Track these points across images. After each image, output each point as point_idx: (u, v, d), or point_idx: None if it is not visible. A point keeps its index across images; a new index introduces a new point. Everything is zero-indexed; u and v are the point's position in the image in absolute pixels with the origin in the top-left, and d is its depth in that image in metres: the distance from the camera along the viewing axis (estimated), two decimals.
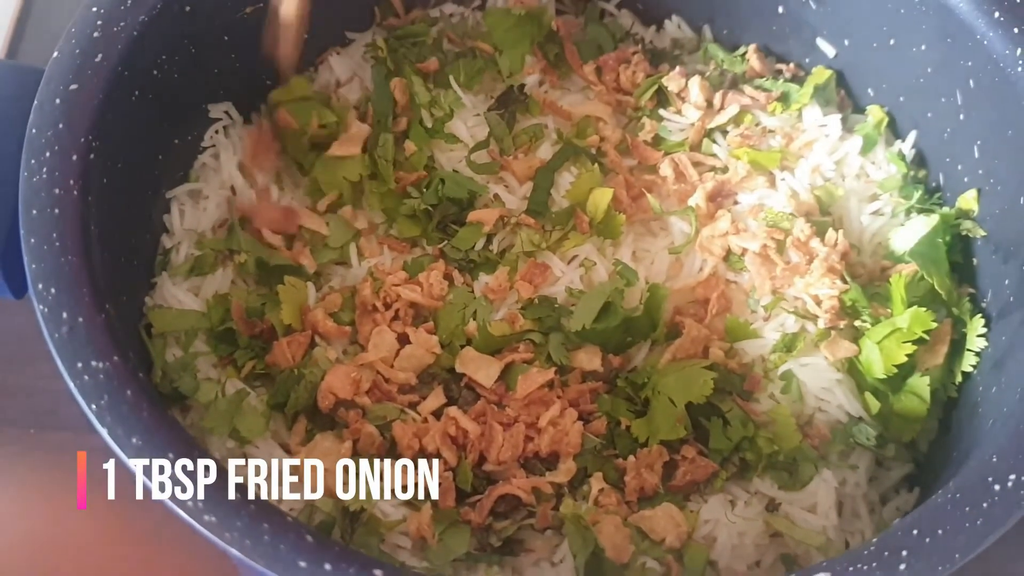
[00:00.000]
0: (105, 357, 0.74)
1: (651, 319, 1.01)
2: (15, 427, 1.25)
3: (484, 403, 0.96)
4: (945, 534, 0.71)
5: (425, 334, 1.00)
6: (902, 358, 0.97)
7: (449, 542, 0.88)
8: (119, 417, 0.71)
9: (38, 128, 0.84)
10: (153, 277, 1.02)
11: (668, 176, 1.12)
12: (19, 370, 1.29)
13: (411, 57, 1.19)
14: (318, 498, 0.89)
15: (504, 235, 1.09)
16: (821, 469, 0.96)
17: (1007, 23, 0.98)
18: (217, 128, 1.12)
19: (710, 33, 1.27)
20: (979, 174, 1.04)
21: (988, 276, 1.02)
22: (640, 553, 0.89)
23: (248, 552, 0.66)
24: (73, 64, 0.89)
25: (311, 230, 1.07)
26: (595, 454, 0.95)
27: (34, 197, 0.81)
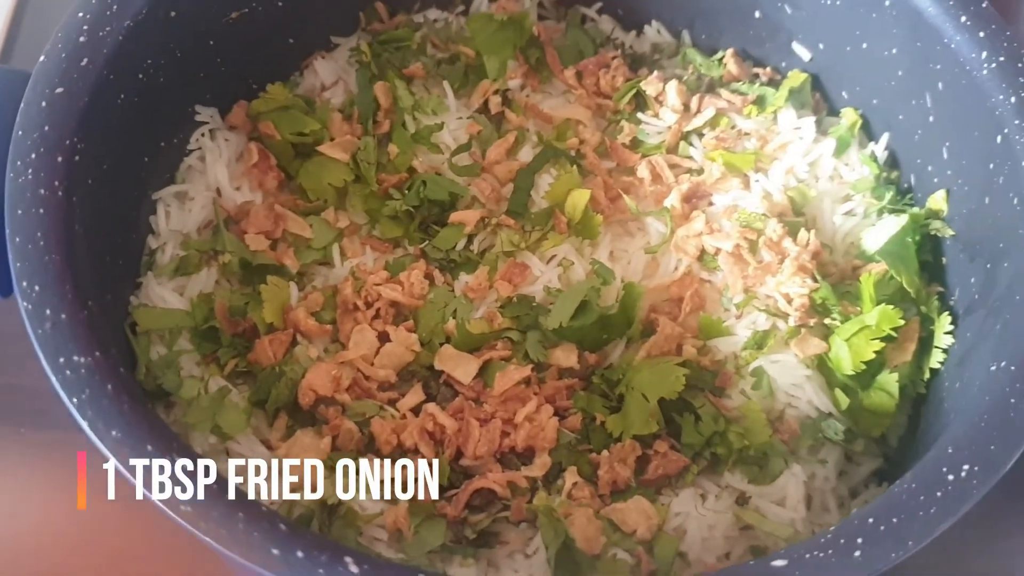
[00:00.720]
0: (87, 353, 0.76)
1: (626, 317, 1.03)
2: (6, 425, 1.27)
3: (462, 399, 0.98)
4: (900, 522, 0.73)
5: (405, 332, 1.02)
6: (870, 355, 1.00)
7: (425, 535, 0.90)
8: (99, 411, 0.73)
9: (24, 130, 0.87)
10: (139, 276, 1.05)
11: (645, 178, 1.14)
12: (9, 369, 1.31)
13: (395, 61, 1.22)
14: None
15: (485, 236, 1.11)
16: (791, 463, 0.98)
17: (973, 27, 1.00)
18: (203, 131, 1.14)
19: (689, 38, 1.29)
20: (948, 175, 1.07)
21: (956, 274, 1.05)
22: (611, 545, 0.91)
23: (223, 541, 0.68)
24: (59, 68, 0.91)
25: (295, 233, 1.09)
26: (570, 449, 0.97)
27: (19, 197, 0.83)
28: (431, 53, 1.25)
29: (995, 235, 0.97)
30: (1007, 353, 0.84)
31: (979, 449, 0.77)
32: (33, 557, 1.21)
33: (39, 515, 1.24)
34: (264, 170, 1.12)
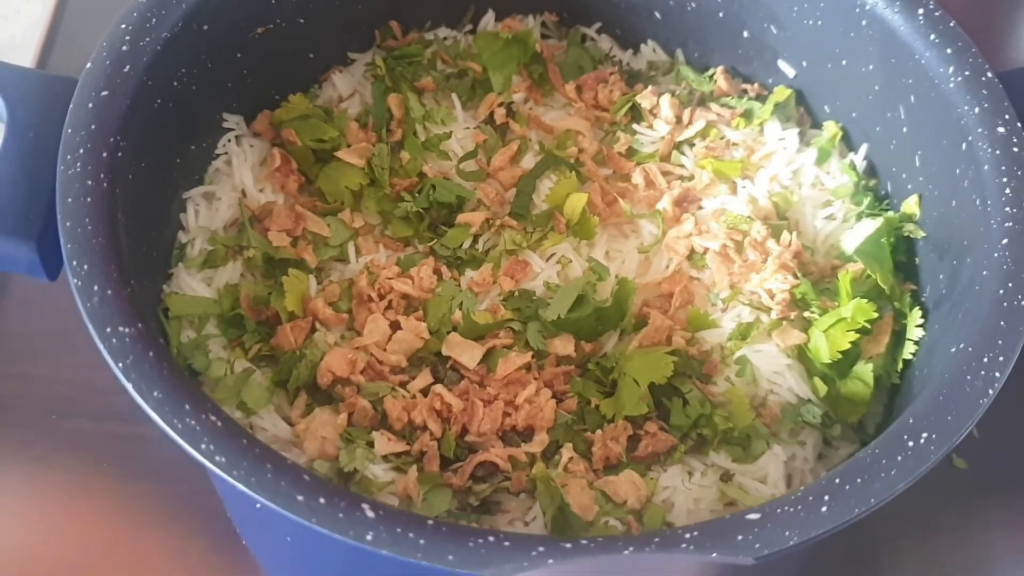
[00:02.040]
0: (130, 324, 0.84)
1: (620, 310, 1.11)
2: (37, 413, 1.35)
3: (467, 383, 1.06)
4: (863, 482, 0.81)
5: (415, 321, 1.10)
6: (846, 344, 1.07)
7: (432, 501, 0.97)
8: (142, 374, 0.81)
9: (73, 128, 0.95)
10: (170, 268, 1.13)
11: (639, 184, 1.23)
12: (44, 362, 1.39)
13: (407, 75, 1.31)
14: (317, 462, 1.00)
15: (489, 235, 1.20)
16: (772, 445, 1.06)
17: (941, 44, 1.09)
18: (230, 137, 1.23)
19: (683, 56, 1.38)
20: (920, 181, 1.15)
21: (926, 272, 1.13)
22: (603, 514, 0.98)
23: (253, 487, 0.76)
24: (104, 73, 1.00)
25: (314, 231, 1.18)
26: (567, 428, 1.05)
27: (69, 187, 0.91)
28: (441, 68, 1.34)
29: (960, 234, 1.05)
30: (965, 336, 0.91)
31: (937, 419, 0.85)
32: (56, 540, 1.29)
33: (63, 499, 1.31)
34: (286, 173, 1.21)
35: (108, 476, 1.32)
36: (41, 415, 1.36)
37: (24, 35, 1.73)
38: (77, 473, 1.32)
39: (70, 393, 1.37)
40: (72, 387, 1.37)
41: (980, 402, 0.86)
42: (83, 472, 1.33)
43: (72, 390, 1.37)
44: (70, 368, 1.37)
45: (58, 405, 1.37)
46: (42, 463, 1.33)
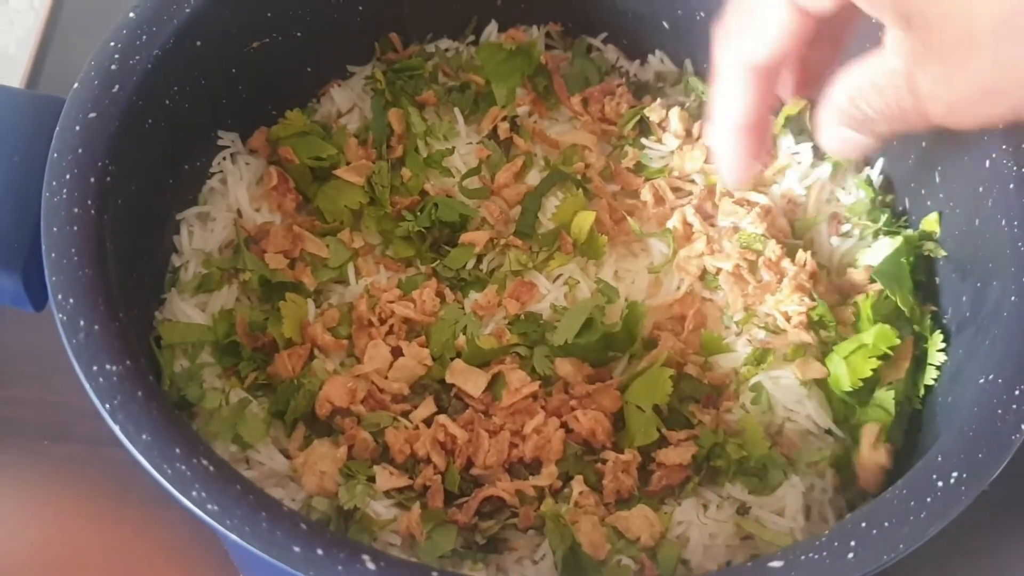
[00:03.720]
0: (118, 361, 0.80)
1: (629, 334, 1.07)
2: (29, 438, 1.32)
3: (472, 412, 1.02)
4: (891, 526, 0.77)
5: (417, 347, 1.06)
6: (867, 372, 1.03)
7: (437, 539, 0.93)
8: (130, 415, 0.77)
9: (59, 152, 0.91)
10: (163, 293, 1.09)
11: (648, 201, 1.19)
12: (35, 385, 1.36)
13: (408, 89, 1.26)
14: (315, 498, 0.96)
15: (494, 255, 1.16)
16: (790, 475, 1.01)
17: None
18: (225, 155, 1.19)
19: (692, 67, 1.34)
20: (940, 198, 1.11)
21: (948, 294, 1.09)
22: (616, 552, 0.94)
23: (247, 538, 0.72)
24: (92, 94, 0.96)
25: (312, 252, 1.14)
26: (576, 459, 1.01)
27: (54, 216, 0.87)
28: (442, 81, 1.30)
29: (984, 255, 1.01)
30: (994, 367, 0.87)
31: (967, 458, 0.81)
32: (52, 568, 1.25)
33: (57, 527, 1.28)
34: (283, 192, 1.17)
35: (103, 501, 1.29)
36: (33, 440, 1.33)
37: (17, 48, 1.70)
38: (71, 499, 1.29)
39: (63, 417, 1.33)
40: (65, 411, 1.34)
41: (1012, 438, 0.82)
42: (77, 498, 1.29)
43: (65, 414, 1.34)
44: (63, 391, 1.33)
45: (51, 429, 1.34)
46: (35, 489, 1.29)
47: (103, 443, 1.26)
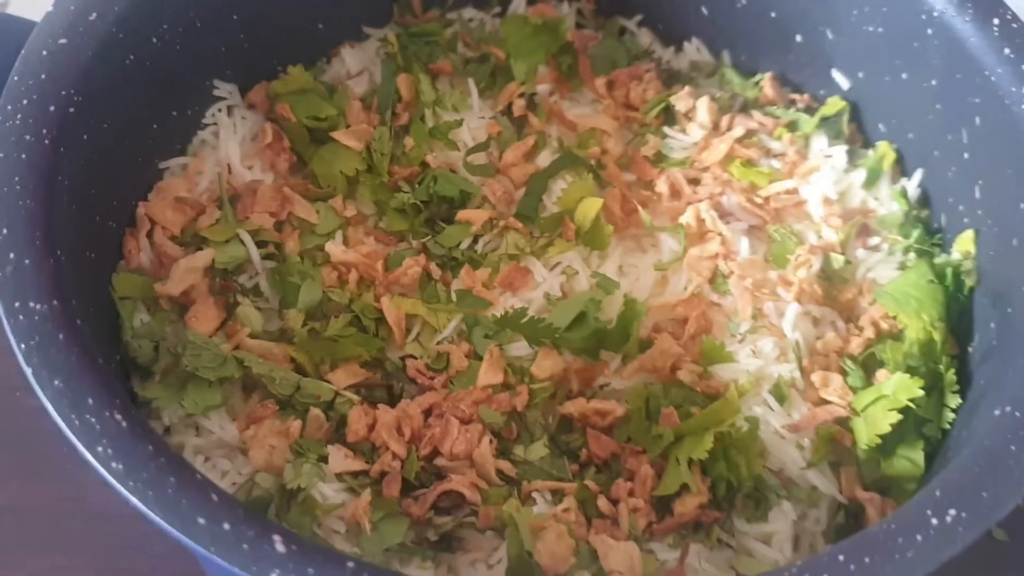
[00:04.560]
0: (45, 300, 0.74)
1: (624, 333, 0.98)
2: None
3: (435, 394, 0.95)
4: (872, 563, 0.67)
5: None
6: (886, 428, 0.92)
7: (385, 531, 0.86)
8: (45, 359, 0.71)
9: (20, 76, 0.86)
10: None
11: (664, 192, 1.10)
12: None
13: (421, 55, 1.20)
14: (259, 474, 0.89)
15: (491, 237, 1.08)
16: (781, 501, 0.92)
17: (1016, 60, 0.95)
18: (220, 106, 1.13)
19: (729, 58, 1.25)
20: (978, 215, 1.01)
21: (978, 320, 0.99)
22: (580, 568, 0.86)
23: (149, 503, 0.65)
24: (65, 19, 0.90)
25: (301, 217, 1.07)
26: None
27: (3, 141, 0.82)
28: (461, 51, 1.22)
29: (1019, 279, 0.91)
30: (1012, 398, 0.78)
31: (969, 494, 0.71)
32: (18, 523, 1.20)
33: None
34: (277, 151, 1.11)
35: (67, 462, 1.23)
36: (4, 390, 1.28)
37: None
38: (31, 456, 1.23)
39: None
40: None
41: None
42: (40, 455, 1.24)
43: None
44: None
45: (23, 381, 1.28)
46: None
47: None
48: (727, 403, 0.92)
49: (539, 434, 0.95)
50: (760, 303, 1.01)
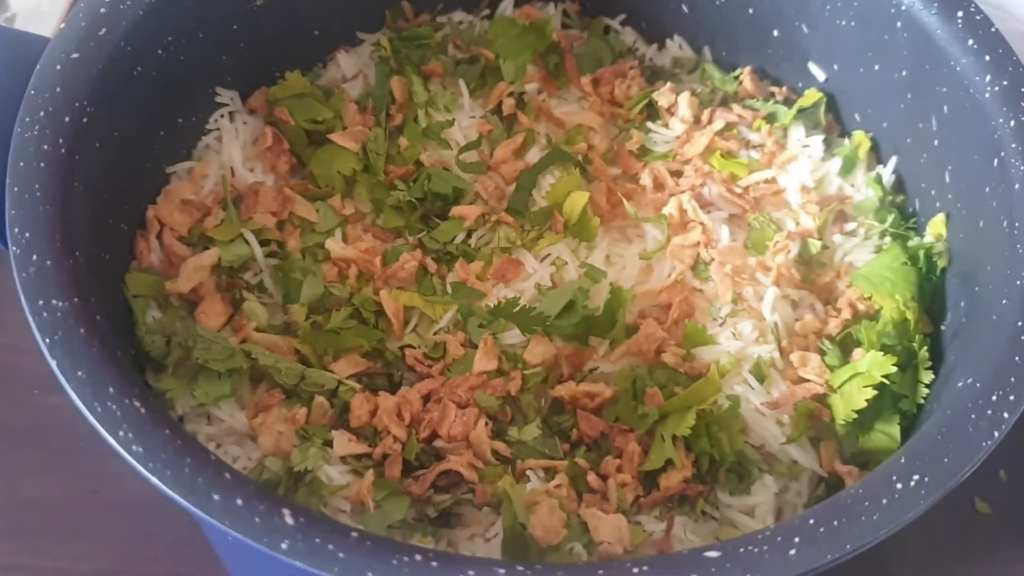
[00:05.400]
0: (65, 298, 0.79)
1: (611, 319, 1.03)
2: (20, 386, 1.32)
3: (432, 380, 1.00)
4: (840, 525, 0.72)
5: None
6: (862, 403, 0.97)
7: (388, 509, 0.91)
8: (68, 351, 0.76)
9: (36, 89, 0.91)
10: None
11: (647, 185, 1.15)
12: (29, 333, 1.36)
13: (414, 58, 1.25)
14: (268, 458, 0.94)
15: (484, 231, 1.13)
16: (763, 475, 0.97)
17: (980, 51, 1.00)
18: (222, 112, 1.18)
19: (710, 54, 1.30)
20: (948, 198, 1.06)
21: (950, 299, 1.04)
22: (572, 539, 0.91)
23: (167, 482, 0.71)
24: (78, 35, 0.95)
25: (301, 216, 1.12)
26: None
27: (23, 151, 0.87)
28: (452, 53, 1.28)
29: (985, 258, 0.96)
30: (975, 370, 0.83)
31: (931, 461, 0.76)
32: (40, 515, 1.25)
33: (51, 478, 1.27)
34: (277, 154, 1.16)
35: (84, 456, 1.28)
36: (25, 389, 1.33)
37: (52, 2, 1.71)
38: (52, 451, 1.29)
39: None
40: None
41: (983, 444, 0.77)
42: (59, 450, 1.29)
43: None
44: None
45: (43, 379, 1.33)
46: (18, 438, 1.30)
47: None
48: (709, 382, 0.97)
49: (532, 416, 1.00)
50: (740, 288, 1.06)
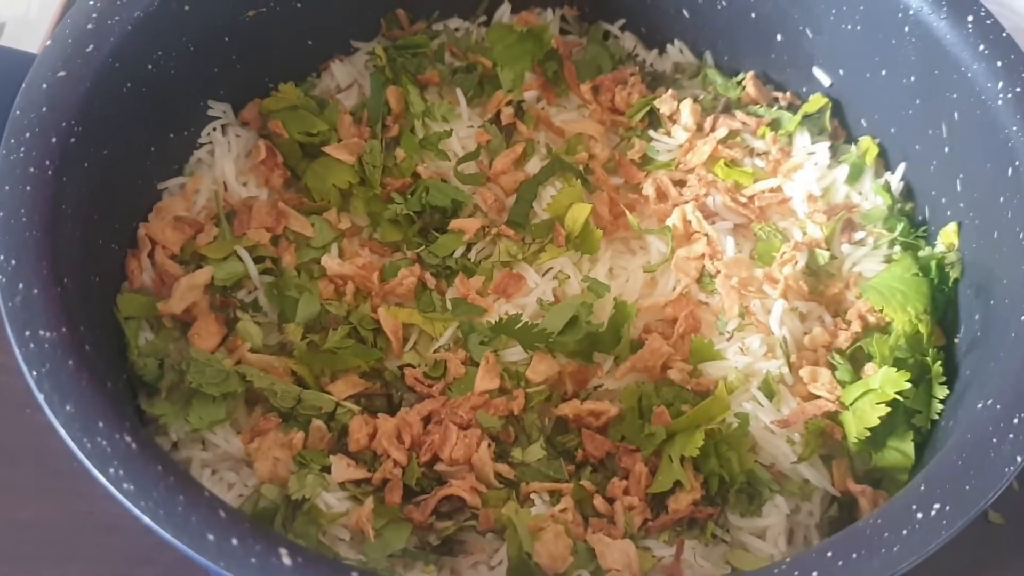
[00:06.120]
0: (53, 328, 0.77)
1: (615, 335, 1.01)
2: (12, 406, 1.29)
3: (432, 401, 0.97)
4: (859, 558, 0.70)
5: None
6: (875, 421, 0.95)
7: (388, 537, 0.89)
8: (56, 384, 0.74)
9: (22, 110, 0.88)
10: None
11: (650, 195, 1.13)
12: None
13: (409, 67, 1.22)
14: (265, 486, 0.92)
15: (484, 245, 1.10)
16: (773, 495, 0.95)
17: (991, 56, 0.98)
18: (215, 126, 1.15)
19: (712, 59, 1.28)
20: (960, 207, 1.04)
21: (963, 310, 1.01)
22: (579, 567, 0.88)
23: (160, 522, 0.68)
24: (64, 52, 0.93)
25: (296, 231, 1.10)
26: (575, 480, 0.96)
27: (8, 174, 0.84)
28: (448, 61, 1.25)
29: (1000, 270, 0.94)
30: (994, 391, 0.80)
31: (953, 488, 0.74)
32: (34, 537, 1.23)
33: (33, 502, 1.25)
34: (271, 167, 1.13)
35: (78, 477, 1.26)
36: (16, 407, 1.30)
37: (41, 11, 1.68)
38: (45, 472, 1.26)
39: None
40: None
41: (1006, 470, 0.75)
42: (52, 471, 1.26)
43: None
44: None
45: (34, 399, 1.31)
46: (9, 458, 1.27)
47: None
48: (717, 400, 0.95)
49: (536, 436, 0.98)
50: (747, 301, 1.03)
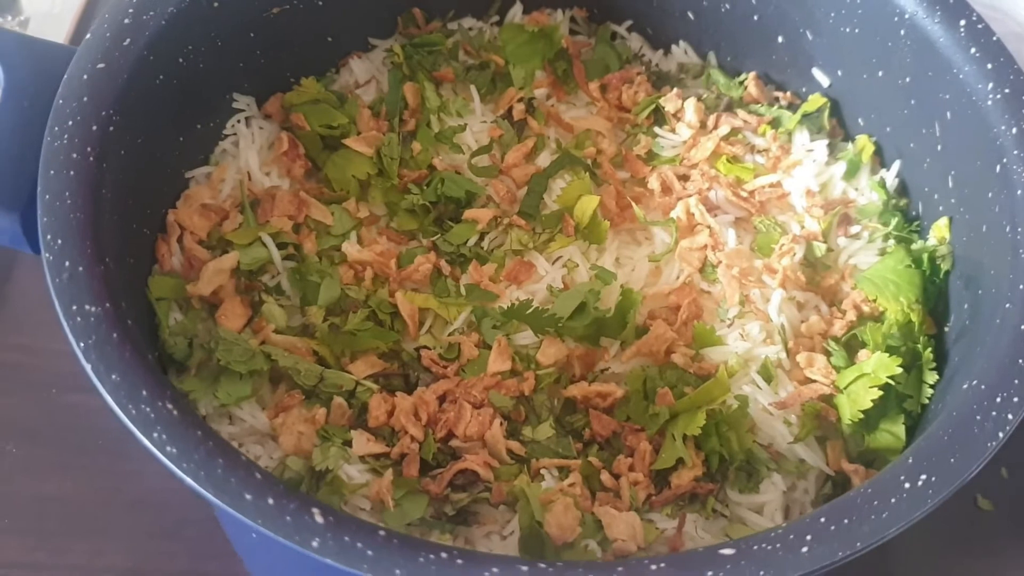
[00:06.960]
0: (98, 303, 0.82)
1: (622, 320, 1.06)
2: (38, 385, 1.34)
3: (447, 381, 1.02)
4: (850, 523, 0.75)
5: None
6: (868, 403, 1.00)
7: (406, 507, 0.93)
8: (102, 355, 0.79)
9: (64, 99, 0.93)
10: None
11: (655, 189, 1.18)
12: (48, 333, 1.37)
13: (426, 64, 1.27)
14: (290, 458, 0.97)
15: (496, 234, 1.15)
16: (771, 473, 1.00)
17: (982, 58, 1.03)
18: (239, 118, 1.20)
19: (715, 60, 1.33)
20: (952, 203, 1.09)
21: (953, 301, 1.06)
22: (586, 537, 0.93)
23: (201, 482, 0.73)
24: (103, 46, 0.97)
25: (317, 219, 1.15)
26: None
27: (53, 159, 0.89)
28: (462, 59, 1.30)
29: (988, 262, 0.99)
30: (979, 372, 0.85)
31: (938, 461, 0.79)
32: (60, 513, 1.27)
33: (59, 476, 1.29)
34: (293, 158, 1.18)
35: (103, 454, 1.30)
36: (41, 388, 1.35)
37: (64, 5, 1.73)
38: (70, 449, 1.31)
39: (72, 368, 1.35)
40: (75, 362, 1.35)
41: (988, 445, 0.80)
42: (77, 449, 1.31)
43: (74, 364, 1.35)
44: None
45: (59, 379, 1.35)
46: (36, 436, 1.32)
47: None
48: (718, 383, 1.00)
49: (545, 416, 1.03)
50: (747, 290, 1.08)
